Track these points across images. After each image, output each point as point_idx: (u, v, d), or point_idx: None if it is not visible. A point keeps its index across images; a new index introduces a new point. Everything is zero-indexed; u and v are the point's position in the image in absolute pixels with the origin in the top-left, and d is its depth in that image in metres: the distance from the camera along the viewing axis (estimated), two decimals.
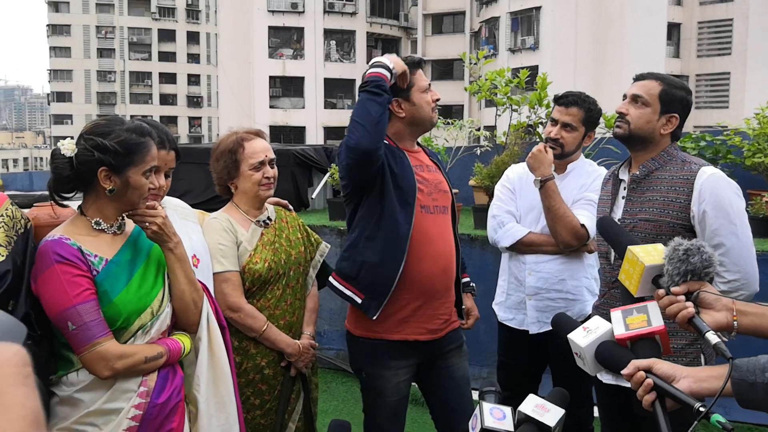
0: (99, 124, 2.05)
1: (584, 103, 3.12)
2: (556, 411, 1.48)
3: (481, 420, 1.48)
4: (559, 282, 3.13)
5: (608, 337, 1.59)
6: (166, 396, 2.07)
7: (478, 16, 38.24)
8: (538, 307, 3.15)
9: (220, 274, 2.67)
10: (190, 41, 69.75)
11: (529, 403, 1.50)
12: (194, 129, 70.11)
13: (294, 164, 7.94)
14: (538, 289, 3.15)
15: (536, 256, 3.16)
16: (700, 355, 2.50)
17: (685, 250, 1.60)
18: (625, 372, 1.49)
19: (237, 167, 2.78)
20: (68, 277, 1.93)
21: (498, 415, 1.50)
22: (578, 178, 3.18)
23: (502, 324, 3.32)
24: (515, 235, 3.17)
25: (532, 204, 3.19)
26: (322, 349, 3.19)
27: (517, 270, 3.23)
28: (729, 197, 2.46)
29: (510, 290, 3.27)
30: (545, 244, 3.13)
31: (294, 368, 2.82)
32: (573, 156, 3.20)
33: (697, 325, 1.55)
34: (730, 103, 31.43)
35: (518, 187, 3.29)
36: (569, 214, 3.03)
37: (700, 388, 1.42)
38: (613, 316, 1.61)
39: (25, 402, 0.73)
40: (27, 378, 0.75)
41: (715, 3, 32.64)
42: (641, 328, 1.55)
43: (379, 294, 2.68)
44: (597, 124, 3.21)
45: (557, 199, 3.03)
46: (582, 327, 1.63)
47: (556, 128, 3.14)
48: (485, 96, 6.39)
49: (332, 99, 40.10)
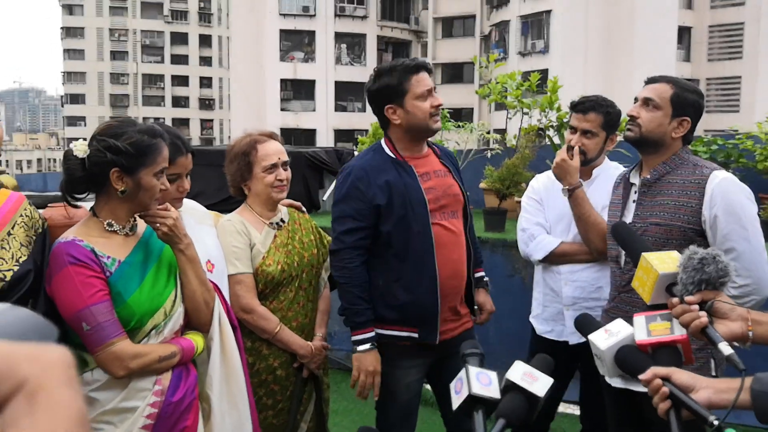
0: (111, 126, 2.07)
1: (602, 108, 3.02)
2: (545, 380, 1.42)
3: (468, 385, 1.41)
4: (596, 290, 3.05)
5: (629, 342, 1.56)
6: (181, 394, 2.09)
7: (489, 20, 38.18)
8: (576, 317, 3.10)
9: (234, 276, 2.69)
10: (203, 44, 70.07)
11: (517, 370, 1.43)
12: (206, 131, 70.39)
13: (305, 166, 7.96)
14: (575, 299, 3.08)
15: (571, 266, 3.10)
16: (710, 360, 2.48)
17: (700, 259, 1.58)
18: (643, 377, 1.46)
19: (250, 169, 2.79)
20: (82, 278, 1.95)
21: (485, 380, 1.42)
22: (605, 182, 3.08)
23: (541, 337, 3.22)
24: (547, 247, 3.11)
25: (560, 214, 3.13)
26: (333, 349, 3.20)
27: (552, 281, 3.16)
28: (741, 202, 2.44)
29: (546, 302, 3.19)
30: (578, 253, 3.06)
31: (306, 369, 2.83)
32: (597, 161, 3.12)
33: (710, 335, 1.53)
34: (741, 107, 31.23)
35: (545, 197, 3.21)
36: (600, 221, 2.95)
37: (720, 400, 1.40)
38: (635, 321, 1.58)
39: (72, 403, 0.74)
40: (72, 379, 0.76)
41: (726, 6, 32.50)
42: (663, 336, 1.53)
43: (432, 318, 2.73)
44: (617, 127, 3.12)
45: (587, 206, 2.95)
46: (603, 329, 1.61)
47: (576, 136, 3.04)
48: (496, 99, 6.40)
49: (343, 102, 40.15)
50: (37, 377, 0.73)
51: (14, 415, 0.70)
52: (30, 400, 0.72)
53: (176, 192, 2.42)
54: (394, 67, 2.76)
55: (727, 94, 32.60)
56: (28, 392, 0.72)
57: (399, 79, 2.74)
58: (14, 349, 0.76)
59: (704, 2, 33.01)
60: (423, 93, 2.73)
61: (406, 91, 2.73)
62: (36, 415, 0.71)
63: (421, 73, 2.74)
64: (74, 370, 0.78)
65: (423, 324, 2.74)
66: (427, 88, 2.74)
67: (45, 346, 0.78)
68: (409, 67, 2.74)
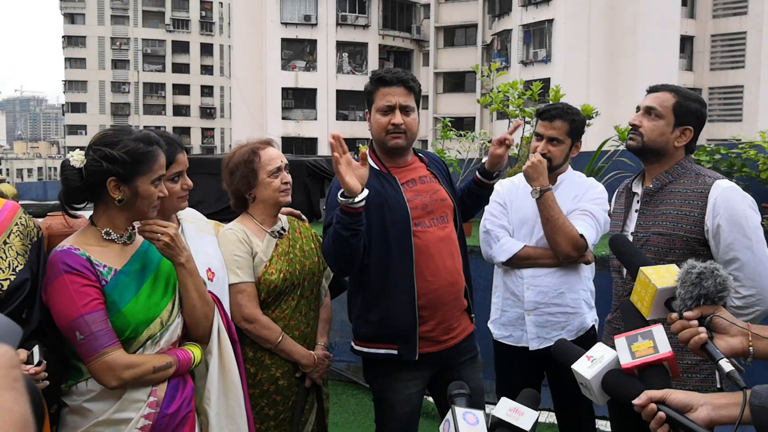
0: (107, 135, 2.06)
1: (567, 115, 3.07)
2: (530, 414, 1.44)
3: (455, 426, 1.43)
4: (558, 296, 3.05)
5: (614, 366, 1.52)
6: (176, 406, 2.07)
7: (491, 29, 38.29)
8: (537, 322, 3.07)
9: (236, 286, 2.67)
10: (204, 53, 70.26)
11: (503, 406, 1.46)
12: (207, 140, 70.48)
13: (306, 175, 7.97)
14: (537, 303, 3.07)
15: (534, 270, 3.09)
16: (715, 372, 2.45)
17: (698, 274, 1.55)
18: (638, 402, 1.43)
19: (255, 176, 2.78)
20: (76, 287, 1.94)
21: (471, 419, 1.44)
22: (570, 189, 3.13)
23: (498, 342, 3.21)
24: (511, 249, 3.10)
25: (524, 217, 3.14)
26: (334, 360, 3.17)
27: (513, 285, 3.14)
28: (744, 211, 2.42)
29: (506, 306, 3.17)
30: (541, 257, 3.07)
31: (308, 379, 2.81)
32: (562, 168, 3.15)
33: (710, 351, 1.50)
34: (744, 116, 31.26)
35: (509, 200, 3.22)
36: (568, 224, 2.97)
37: (719, 416, 1.37)
38: (617, 343, 1.54)
39: (13, 407, 0.70)
40: (15, 381, 0.72)
41: (729, 16, 32.56)
42: (648, 356, 1.48)
43: (410, 335, 2.70)
44: (582, 134, 3.17)
45: (556, 209, 2.97)
46: (585, 356, 1.56)
47: (542, 143, 3.08)
48: (498, 108, 6.39)
49: (344, 110, 40.21)
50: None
51: None
52: None
53: (181, 190, 2.41)
54: (375, 74, 2.75)
55: (730, 104, 32.62)
56: None
57: (371, 87, 2.74)
58: None
59: (706, 11, 33.09)
60: (383, 107, 2.69)
61: (372, 101, 2.73)
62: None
63: (391, 87, 2.68)
64: (19, 372, 0.73)
65: (401, 341, 2.70)
66: (389, 104, 2.68)
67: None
68: (383, 78, 2.70)
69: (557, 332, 3.03)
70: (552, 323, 3.05)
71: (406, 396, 2.77)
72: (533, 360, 3.08)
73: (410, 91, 2.71)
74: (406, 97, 2.70)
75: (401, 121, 2.68)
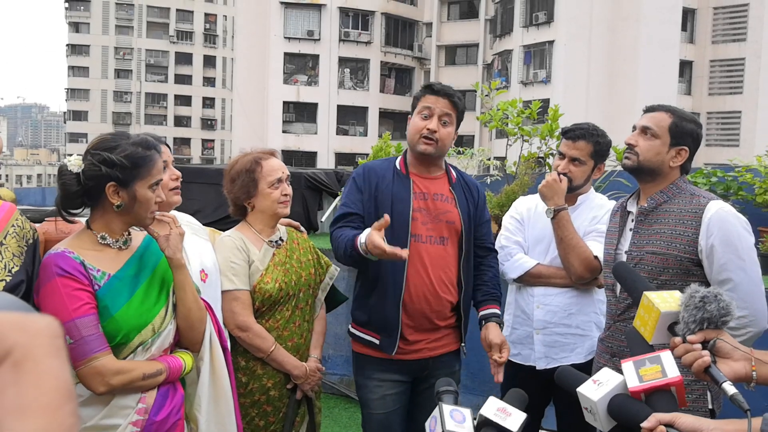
0: (105, 139, 2.06)
1: (592, 137, 3.03)
2: (518, 415, 1.43)
3: (441, 423, 1.42)
4: (568, 316, 3.03)
5: (621, 390, 1.50)
6: (165, 413, 2.05)
7: (491, 49, 38.50)
8: (545, 341, 3.05)
9: (230, 292, 2.67)
10: (207, 65, 70.61)
11: (490, 406, 1.45)
12: (207, 151, 70.62)
13: (305, 187, 7.99)
14: (546, 322, 3.05)
15: (545, 289, 3.07)
16: (707, 392, 2.45)
17: (701, 298, 1.56)
18: (646, 425, 1.40)
19: (255, 185, 2.79)
20: (68, 290, 1.92)
21: (458, 417, 1.43)
22: (589, 210, 3.11)
23: (507, 360, 3.10)
24: (524, 266, 3.09)
25: (540, 236, 3.13)
26: (327, 373, 3.16)
27: (524, 303, 3.13)
28: (737, 232, 2.42)
29: (516, 324, 3.16)
30: (554, 276, 3.05)
31: (300, 391, 2.81)
32: (582, 189, 3.12)
33: (713, 375, 1.50)
34: (741, 141, 31.39)
35: (527, 218, 3.21)
36: (582, 245, 2.94)
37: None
38: (624, 367, 1.52)
39: (59, 374, 0.73)
40: (59, 350, 0.75)
41: (728, 42, 32.80)
42: (656, 380, 1.46)
43: (392, 330, 2.72)
44: (606, 157, 3.13)
45: (570, 229, 2.95)
46: (592, 380, 1.54)
47: (564, 162, 3.05)
48: (497, 126, 6.41)
49: (344, 125, 40.35)
50: (23, 346, 0.71)
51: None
52: (16, 369, 0.70)
53: (170, 181, 2.45)
54: (426, 83, 2.86)
55: (728, 128, 32.77)
56: (14, 361, 0.70)
57: (419, 94, 2.83)
58: (0, 316, 0.74)
59: (706, 37, 33.33)
60: (423, 110, 2.76)
61: (416, 106, 2.80)
62: (21, 384, 0.69)
63: (437, 97, 2.76)
64: (62, 340, 0.76)
65: (384, 333, 2.75)
66: (428, 111, 2.75)
67: (33, 315, 0.76)
68: (432, 87, 2.80)
69: (566, 354, 3.02)
70: (561, 344, 3.03)
71: (380, 397, 2.78)
72: (541, 380, 3.03)
73: (454, 106, 2.78)
74: (449, 109, 2.76)
75: (437, 128, 2.74)
